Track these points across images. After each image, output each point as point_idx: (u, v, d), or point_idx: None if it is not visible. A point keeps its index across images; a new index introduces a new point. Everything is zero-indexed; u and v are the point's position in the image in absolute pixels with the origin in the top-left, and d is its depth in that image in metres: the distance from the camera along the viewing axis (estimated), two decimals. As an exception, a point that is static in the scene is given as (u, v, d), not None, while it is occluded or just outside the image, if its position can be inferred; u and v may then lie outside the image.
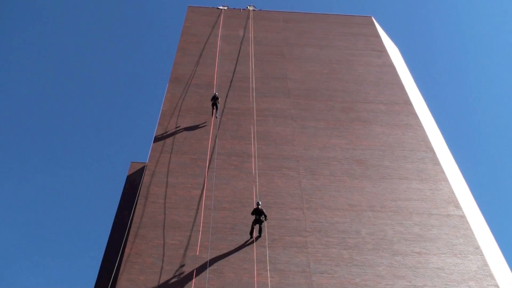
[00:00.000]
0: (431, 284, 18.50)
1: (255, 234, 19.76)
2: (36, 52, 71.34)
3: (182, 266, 18.60)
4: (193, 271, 18.38)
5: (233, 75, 30.50)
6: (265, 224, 19.80)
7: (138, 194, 21.93)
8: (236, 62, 31.87)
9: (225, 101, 28.06)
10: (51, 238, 56.15)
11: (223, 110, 27.25)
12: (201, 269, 18.44)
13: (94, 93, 70.69)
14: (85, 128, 67.72)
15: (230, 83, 29.69)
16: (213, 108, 26.21)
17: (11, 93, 65.80)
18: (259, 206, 19.56)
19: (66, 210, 59.04)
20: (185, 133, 25.54)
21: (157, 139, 25.01)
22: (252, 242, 19.53)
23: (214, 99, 26.21)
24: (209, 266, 18.61)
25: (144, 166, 24.29)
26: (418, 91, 34.62)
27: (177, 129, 25.53)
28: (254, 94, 28.48)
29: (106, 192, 61.69)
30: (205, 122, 26.01)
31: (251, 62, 31.53)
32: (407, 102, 29.11)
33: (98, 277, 23.24)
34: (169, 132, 25.49)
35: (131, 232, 19.93)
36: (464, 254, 19.89)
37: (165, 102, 27.77)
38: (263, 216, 19.41)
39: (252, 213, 19.58)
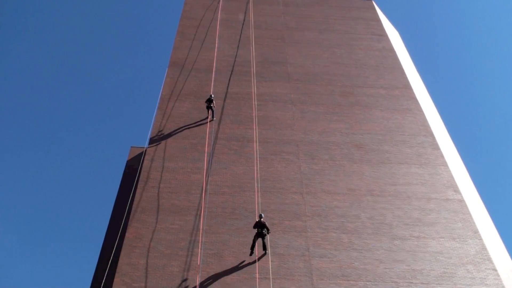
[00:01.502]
0: (430, 268, 18.62)
1: (256, 250, 18.46)
2: (34, 37, 71.01)
3: (182, 250, 18.68)
4: (193, 255, 18.47)
5: (234, 60, 30.36)
6: (267, 238, 18.77)
7: (138, 179, 21.96)
8: (237, 47, 31.72)
9: (227, 86, 27.98)
10: (50, 224, 56.40)
11: (226, 94, 27.17)
12: (201, 253, 18.54)
13: (93, 78, 70.50)
14: (85, 113, 67.61)
15: (232, 68, 29.56)
16: (208, 111, 25.44)
17: (7, 79, 65.61)
18: (262, 219, 18.39)
19: (65, 195, 59.22)
20: (184, 118, 25.49)
21: (156, 124, 24.97)
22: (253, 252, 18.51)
23: (209, 101, 25.31)
24: (209, 250, 18.71)
25: (144, 151, 24.22)
26: (418, 76, 34.53)
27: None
28: (255, 79, 28.38)
29: (106, 177, 61.75)
30: (203, 119, 25.40)
31: (252, 46, 31.37)
32: (407, 87, 29.04)
33: (98, 262, 23.29)
34: (168, 118, 25.43)
35: (131, 217, 20.02)
36: (463, 238, 19.98)
37: (164, 87, 27.72)
38: (265, 229, 18.23)
39: (254, 227, 18.35)
